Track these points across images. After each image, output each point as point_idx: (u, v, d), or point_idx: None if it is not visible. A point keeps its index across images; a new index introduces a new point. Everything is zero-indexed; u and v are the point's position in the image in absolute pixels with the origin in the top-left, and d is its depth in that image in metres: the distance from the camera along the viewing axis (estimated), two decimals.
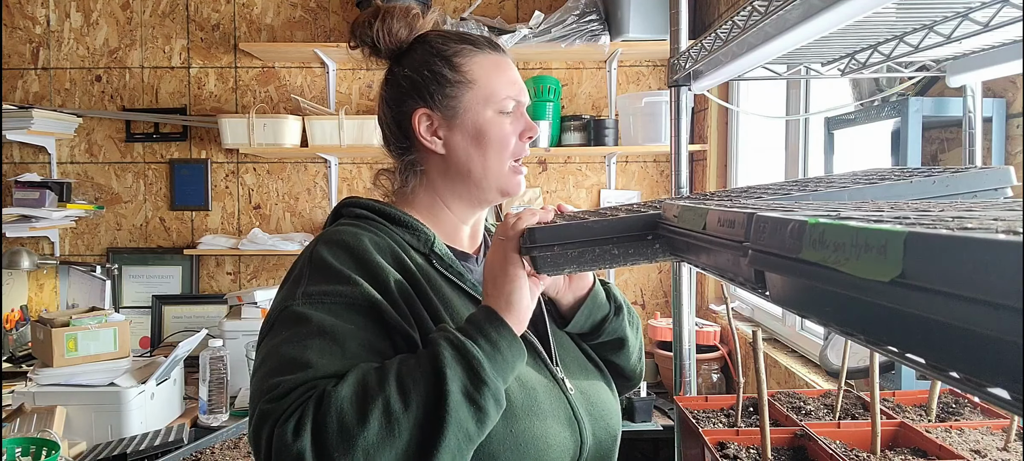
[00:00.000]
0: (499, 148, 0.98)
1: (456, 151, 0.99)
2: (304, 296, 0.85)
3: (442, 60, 0.99)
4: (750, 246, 0.47)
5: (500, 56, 1.03)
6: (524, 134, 1.00)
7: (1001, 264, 0.26)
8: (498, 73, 1.00)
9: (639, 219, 0.72)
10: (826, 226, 0.37)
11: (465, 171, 1.00)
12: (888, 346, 0.35)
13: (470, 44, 1.01)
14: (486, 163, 0.99)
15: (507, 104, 0.99)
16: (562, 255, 0.74)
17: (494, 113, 0.98)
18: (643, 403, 2.42)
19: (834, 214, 0.44)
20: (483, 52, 1.01)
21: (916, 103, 1.34)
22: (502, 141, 0.98)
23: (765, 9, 0.96)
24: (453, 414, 0.72)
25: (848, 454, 0.99)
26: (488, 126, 0.98)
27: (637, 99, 2.88)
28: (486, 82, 0.99)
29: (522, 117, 1.01)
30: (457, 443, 0.73)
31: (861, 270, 0.34)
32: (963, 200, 0.71)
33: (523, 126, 1.01)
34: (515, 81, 1.02)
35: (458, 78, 0.99)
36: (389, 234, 0.96)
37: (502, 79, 1.00)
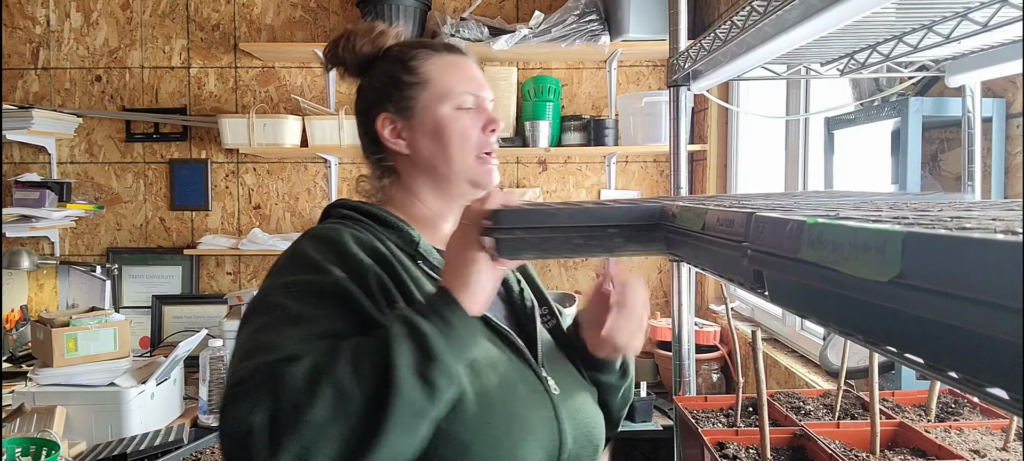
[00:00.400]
0: (460, 142, 1.01)
1: (419, 149, 1.03)
2: (281, 286, 0.87)
3: (399, 65, 1.04)
4: (749, 246, 0.47)
5: (457, 57, 1.06)
6: (486, 127, 1.03)
7: (1000, 264, 0.26)
8: (453, 71, 1.03)
9: (603, 212, 0.72)
10: (825, 226, 0.37)
11: (431, 167, 1.03)
12: (887, 346, 0.35)
13: (427, 48, 1.05)
14: (449, 157, 1.01)
15: (465, 99, 1.02)
16: (524, 240, 0.74)
17: (451, 109, 1.01)
18: (643, 403, 2.42)
19: (833, 214, 0.44)
20: (438, 54, 1.05)
21: (916, 103, 1.34)
22: (462, 134, 1.01)
23: (764, 9, 0.96)
24: (401, 389, 0.73)
25: (847, 454, 0.99)
26: (446, 121, 1.01)
27: (637, 99, 2.88)
28: (441, 80, 1.02)
29: (484, 111, 1.04)
30: (406, 418, 0.73)
31: (860, 270, 0.34)
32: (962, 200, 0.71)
33: (484, 119, 1.03)
34: (472, 78, 1.04)
35: (414, 79, 1.02)
36: (375, 233, 0.98)
37: (457, 76, 1.03)
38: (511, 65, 3.06)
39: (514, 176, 3.20)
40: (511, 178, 3.19)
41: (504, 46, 2.81)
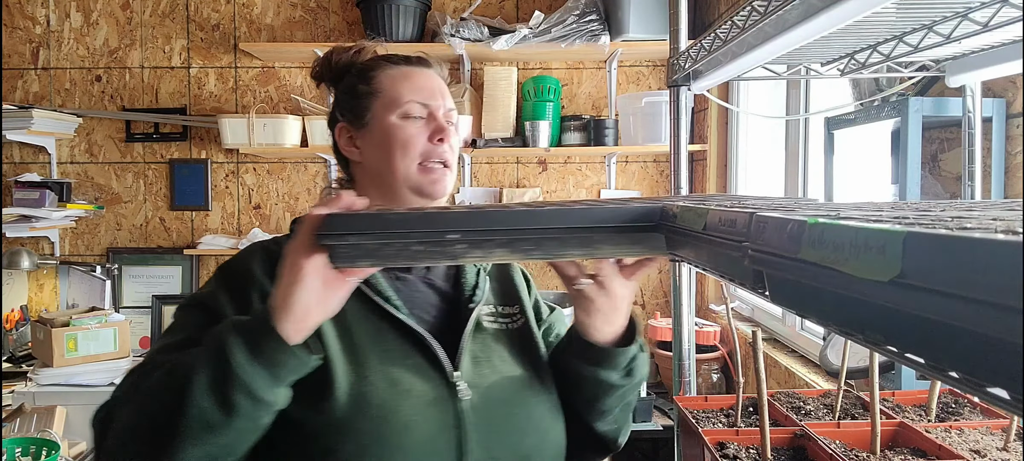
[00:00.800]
0: (403, 150, 1.01)
1: (369, 157, 1.04)
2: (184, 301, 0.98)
3: (359, 76, 1.06)
4: (749, 246, 0.47)
5: (413, 68, 1.06)
6: (433, 136, 1.02)
7: (1001, 264, 0.26)
8: (404, 81, 1.04)
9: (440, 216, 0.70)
10: (825, 226, 0.37)
11: (379, 175, 1.04)
12: (888, 346, 0.35)
13: (386, 61, 1.07)
14: (393, 165, 1.01)
15: (412, 108, 1.02)
16: (359, 247, 0.69)
17: (398, 118, 1.02)
18: (643, 403, 2.42)
19: (833, 214, 0.44)
20: (395, 66, 1.06)
21: (916, 103, 1.34)
22: (405, 142, 1.01)
23: (765, 9, 0.96)
24: (194, 403, 0.75)
25: (848, 454, 0.99)
26: (392, 130, 1.01)
27: (637, 99, 2.88)
28: (390, 89, 1.03)
29: (433, 120, 1.03)
30: (198, 431, 0.75)
31: (860, 270, 0.34)
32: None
33: (432, 128, 1.03)
34: (423, 88, 1.04)
35: (367, 90, 1.04)
36: None
37: (407, 86, 1.04)
38: (511, 65, 3.06)
39: (514, 176, 3.20)
40: (511, 178, 3.20)
41: (504, 46, 2.81)
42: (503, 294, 1.09)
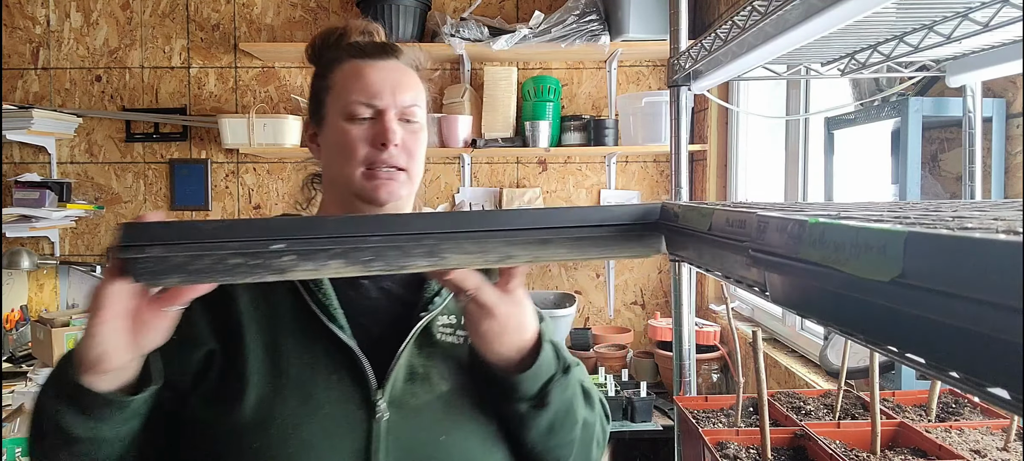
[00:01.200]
0: (346, 154, 0.94)
1: (325, 157, 1.00)
2: None
3: (320, 69, 1.02)
4: (750, 245, 0.47)
5: (368, 62, 0.98)
6: (375, 140, 0.94)
7: (1001, 264, 0.26)
8: (353, 79, 0.97)
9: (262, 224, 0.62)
10: (826, 226, 0.37)
11: (331, 179, 1.00)
12: (888, 346, 0.35)
13: (344, 52, 1.00)
14: (340, 169, 0.96)
15: (357, 109, 0.95)
16: (162, 260, 0.60)
17: (344, 120, 0.95)
18: (643, 403, 2.42)
19: (834, 214, 0.44)
20: (350, 59, 0.99)
21: (916, 103, 1.34)
22: (347, 147, 0.94)
23: (765, 9, 0.96)
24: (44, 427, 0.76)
25: (848, 454, 0.99)
26: (339, 133, 0.96)
27: (637, 99, 2.88)
28: (340, 88, 0.97)
29: (380, 123, 0.94)
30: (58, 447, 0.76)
31: (861, 270, 0.34)
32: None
33: (374, 134, 0.94)
34: (369, 87, 0.95)
35: (324, 86, 1.00)
36: None
37: (354, 85, 0.96)
38: (511, 65, 3.06)
39: (514, 176, 3.20)
40: (511, 178, 3.20)
41: (504, 46, 2.81)
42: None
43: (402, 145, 0.95)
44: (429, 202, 3.19)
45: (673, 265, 1.66)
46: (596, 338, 3.03)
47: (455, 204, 3.16)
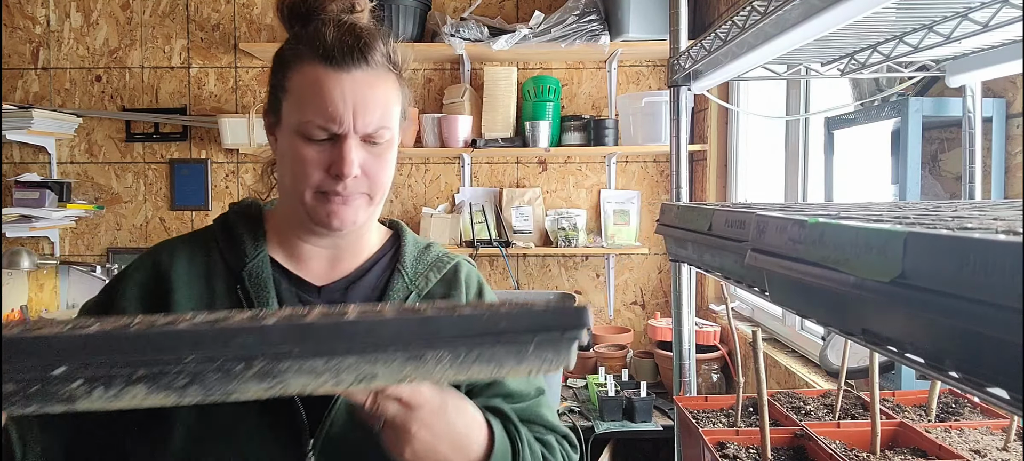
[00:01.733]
0: (297, 176, 0.85)
1: (279, 160, 0.90)
2: None
3: (280, 58, 0.89)
4: (750, 246, 0.47)
5: (332, 71, 0.83)
6: (331, 168, 0.83)
7: (1001, 264, 0.26)
8: (311, 92, 0.83)
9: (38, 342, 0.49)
10: (826, 226, 0.37)
11: (283, 184, 0.91)
12: (888, 346, 0.35)
13: (307, 47, 0.85)
14: (292, 186, 0.86)
15: (311, 129, 0.83)
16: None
17: (297, 135, 0.84)
18: (643, 403, 2.42)
19: (834, 214, 0.44)
20: (311, 62, 0.84)
21: (916, 103, 1.34)
22: (300, 170, 0.84)
23: (765, 9, 0.96)
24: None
25: (848, 454, 0.99)
26: (291, 148, 0.85)
27: (637, 99, 2.88)
28: (297, 98, 0.85)
29: (336, 149, 0.83)
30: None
31: (861, 270, 0.34)
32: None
33: (330, 160, 0.83)
34: (327, 106, 0.82)
35: (281, 84, 0.87)
36: (210, 252, 0.94)
37: (312, 100, 0.83)
38: (511, 65, 3.06)
39: (514, 176, 3.20)
40: (511, 178, 3.20)
41: (504, 46, 2.81)
42: None
43: (363, 171, 0.85)
44: (429, 202, 3.20)
45: (673, 265, 1.66)
46: (596, 338, 3.03)
47: (455, 204, 3.16)
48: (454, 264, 1.01)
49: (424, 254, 1.00)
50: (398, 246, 1.00)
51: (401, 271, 0.96)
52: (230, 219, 0.97)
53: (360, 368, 0.51)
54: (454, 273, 1.00)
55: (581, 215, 3.13)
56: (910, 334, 0.32)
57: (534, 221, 3.13)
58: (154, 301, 0.89)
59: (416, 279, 0.97)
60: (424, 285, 0.96)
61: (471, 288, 1.01)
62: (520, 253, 3.04)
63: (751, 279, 0.56)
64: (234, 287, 0.90)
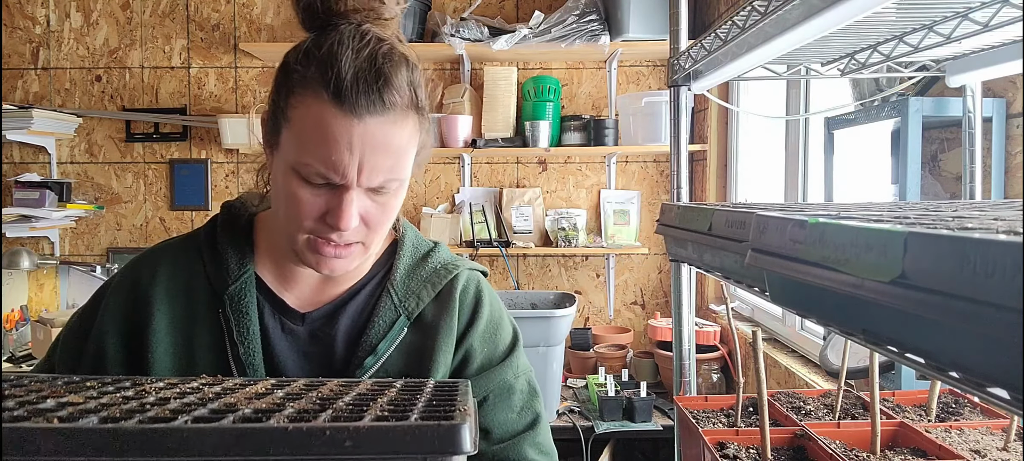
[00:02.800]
0: (289, 216, 0.79)
1: (272, 184, 0.83)
2: None
3: (285, 73, 0.79)
4: (750, 246, 0.47)
5: (340, 115, 0.73)
6: (327, 218, 0.77)
7: (1001, 264, 0.26)
8: (316, 134, 0.74)
9: None
10: (826, 226, 0.37)
11: (276, 211, 0.85)
12: (888, 346, 0.35)
13: (321, 75, 0.74)
14: (283, 221, 0.81)
15: (309, 174, 0.75)
16: None
17: (294, 175, 0.76)
18: (643, 403, 2.42)
19: (834, 214, 0.44)
20: (321, 97, 0.74)
21: (916, 103, 1.34)
22: (292, 212, 0.78)
23: (765, 9, 0.96)
24: None
25: (848, 454, 0.99)
26: (286, 184, 0.77)
27: (637, 99, 2.88)
28: (299, 135, 0.76)
29: (336, 197, 0.76)
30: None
31: (861, 270, 0.34)
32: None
33: (326, 207, 0.76)
34: (330, 155, 0.74)
35: (284, 107, 0.78)
36: (194, 265, 0.90)
37: (317, 143, 0.74)
38: (511, 65, 3.06)
39: (514, 176, 3.20)
40: (511, 178, 3.20)
41: (504, 46, 2.81)
42: (415, 354, 0.88)
43: (363, 220, 0.79)
44: (429, 202, 3.20)
45: (673, 265, 1.66)
46: (596, 338, 3.03)
47: (455, 204, 3.16)
48: (452, 278, 0.93)
49: (420, 267, 0.93)
50: (393, 259, 0.93)
51: (391, 291, 0.90)
52: (218, 228, 0.92)
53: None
54: (449, 289, 0.93)
55: (581, 215, 3.13)
56: (910, 334, 0.32)
57: (534, 221, 3.13)
58: (133, 321, 0.87)
59: (406, 300, 0.90)
60: (415, 306, 0.90)
61: (466, 304, 0.94)
62: (520, 253, 3.04)
63: (751, 279, 0.56)
64: (216, 310, 0.86)
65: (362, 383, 0.60)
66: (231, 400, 0.54)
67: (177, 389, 0.59)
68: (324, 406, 0.52)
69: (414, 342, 0.89)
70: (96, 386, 0.60)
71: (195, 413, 0.50)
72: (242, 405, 0.52)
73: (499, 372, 0.94)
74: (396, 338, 0.88)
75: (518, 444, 0.92)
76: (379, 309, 0.89)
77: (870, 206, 0.76)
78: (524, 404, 0.95)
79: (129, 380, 0.62)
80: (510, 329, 0.99)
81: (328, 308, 0.90)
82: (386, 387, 0.59)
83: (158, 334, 0.85)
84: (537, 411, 0.96)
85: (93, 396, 0.55)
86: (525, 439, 0.93)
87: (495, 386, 0.93)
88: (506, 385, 0.94)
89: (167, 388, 0.59)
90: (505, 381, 0.94)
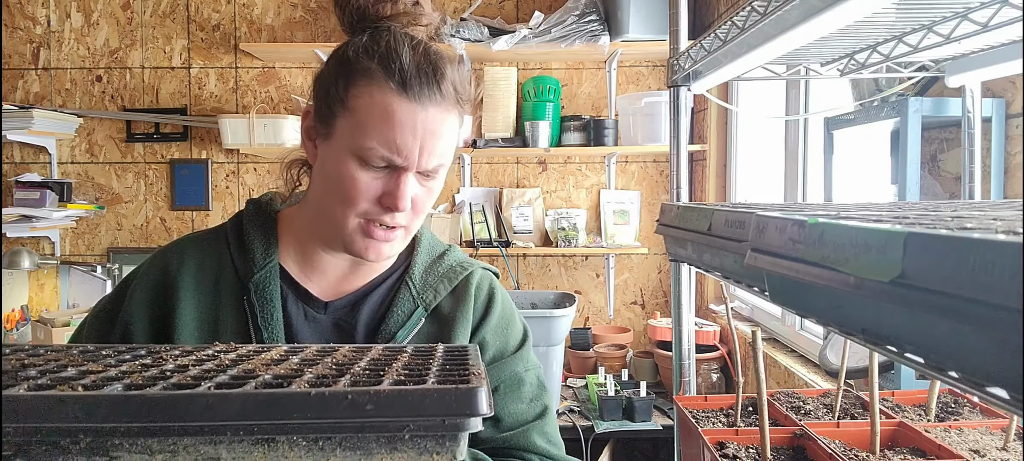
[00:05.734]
0: (343, 199, 0.83)
1: (318, 172, 0.88)
2: None
3: (344, 66, 0.84)
4: (750, 246, 0.47)
5: (403, 100, 0.81)
6: (383, 199, 0.82)
7: (1001, 264, 0.26)
8: (382, 119, 0.80)
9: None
10: (826, 226, 0.38)
11: (318, 200, 0.88)
12: (888, 346, 0.35)
13: (384, 67, 0.82)
14: (332, 207, 0.85)
15: (372, 156, 0.81)
16: None
17: (354, 157, 0.82)
18: (643, 403, 2.42)
19: (833, 214, 0.44)
20: (384, 89, 0.81)
21: (915, 103, 1.34)
22: (348, 194, 0.82)
23: (765, 9, 0.96)
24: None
25: (847, 454, 0.99)
26: (343, 167, 0.82)
27: (637, 99, 2.88)
28: (362, 120, 0.81)
29: (394, 181, 0.82)
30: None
31: (861, 270, 0.34)
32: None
33: (383, 190, 0.82)
34: (394, 138, 0.80)
35: (341, 97, 0.83)
36: (222, 255, 0.92)
37: (378, 126, 0.80)
38: (511, 65, 3.06)
39: (514, 176, 3.20)
40: (511, 178, 3.20)
41: (504, 46, 2.81)
42: (435, 341, 0.92)
43: (412, 204, 0.85)
44: None
45: (673, 265, 1.66)
46: (596, 338, 3.03)
47: (455, 204, 3.17)
48: (467, 274, 0.99)
49: (437, 264, 0.99)
50: (411, 257, 0.98)
51: (409, 284, 0.95)
52: (244, 220, 0.96)
53: (200, 450, 0.47)
54: (465, 284, 0.98)
55: (581, 215, 3.13)
56: (910, 334, 0.32)
57: (534, 221, 3.13)
58: (160, 307, 0.89)
59: (424, 292, 0.95)
60: (432, 298, 0.95)
61: (479, 299, 0.99)
62: (520, 253, 3.04)
63: (751, 279, 0.57)
64: (241, 297, 0.89)
65: (374, 349, 0.62)
66: (249, 367, 0.55)
67: (193, 356, 0.60)
68: (341, 371, 0.54)
69: (431, 333, 0.94)
70: (112, 355, 0.61)
71: (217, 380, 0.51)
72: (260, 371, 0.54)
73: (510, 364, 0.98)
74: (414, 328, 0.92)
75: (527, 432, 0.96)
76: (398, 300, 0.94)
77: (870, 206, 0.76)
78: (533, 395, 0.99)
79: (144, 348, 0.62)
80: (521, 326, 1.04)
81: (350, 298, 0.94)
82: (398, 353, 0.62)
83: (184, 319, 0.87)
84: (546, 403, 1.00)
85: (111, 364, 0.56)
86: (534, 428, 0.97)
87: (506, 377, 0.97)
88: (516, 377, 0.98)
89: (183, 355, 0.61)
90: (516, 373, 0.98)
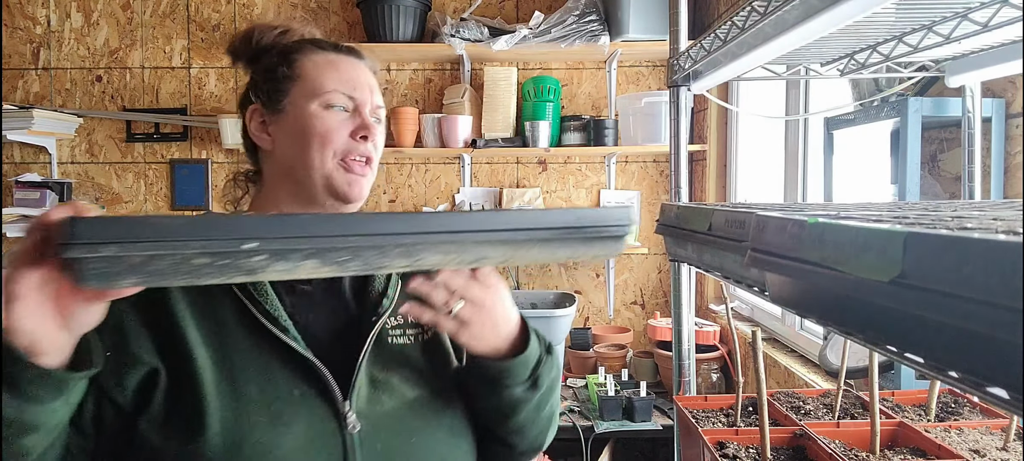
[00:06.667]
0: (320, 142, 0.92)
1: (281, 147, 0.96)
2: None
3: (280, 57, 0.98)
4: (750, 246, 0.47)
5: (342, 56, 0.99)
6: (356, 132, 0.94)
7: (1001, 264, 0.26)
8: (330, 69, 0.96)
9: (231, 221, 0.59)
10: (826, 226, 0.38)
11: (290, 169, 0.95)
12: (888, 346, 0.35)
13: (313, 45, 0.99)
14: (308, 159, 0.93)
15: (335, 98, 0.94)
16: (118, 260, 0.53)
17: (319, 107, 0.93)
18: (643, 403, 2.42)
19: (833, 214, 0.44)
20: (323, 52, 0.98)
21: (915, 103, 1.34)
22: (324, 135, 0.93)
23: (764, 9, 0.97)
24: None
25: (847, 453, 0.99)
26: (310, 119, 0.93)
27: (637, 99, 2.88)
28: (314, 76, 0.95)
29: (359, 116, 0.95)
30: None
31: (861, 270, 0.34)
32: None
33: (356, 124, 0.95)
34: (351, 79, 0.96)
35: (288, 73, 0.96)
36: None
37: (333, 75, 0.95)
38: (511, 65, 3.06)
39: (514, 176, 3.20)
40: (511, 178, 3.20)
41: (504, 46, 2.81)
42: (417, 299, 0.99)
43: (373, 141, 0.97)
44: (429, 202, 3.20)
45: (673, 265, 1.66)
46: (596, 338, 3.03)
47: (455, 204, 3.17)
48: None
49: None
50: None
51: None
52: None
53: (478, 251, 0.66)
54: None
55: None
56: (910, 334, 0.32)
57: None
58: (149, 301, 0.86)
59: None
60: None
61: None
62: None
63: (751, 279, 0.57)
64: (230, 288, 0.88)
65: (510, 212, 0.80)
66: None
67: None
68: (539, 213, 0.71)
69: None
70: None
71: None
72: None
73: None
74: (396, 289, 0.96)
75: None
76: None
77: (869, 206, 0.76)
78: None
79: None
80: None
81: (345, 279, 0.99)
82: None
83: (184, 319, 0.85)
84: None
85: None
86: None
87: None
88: None
89: None
90: None
